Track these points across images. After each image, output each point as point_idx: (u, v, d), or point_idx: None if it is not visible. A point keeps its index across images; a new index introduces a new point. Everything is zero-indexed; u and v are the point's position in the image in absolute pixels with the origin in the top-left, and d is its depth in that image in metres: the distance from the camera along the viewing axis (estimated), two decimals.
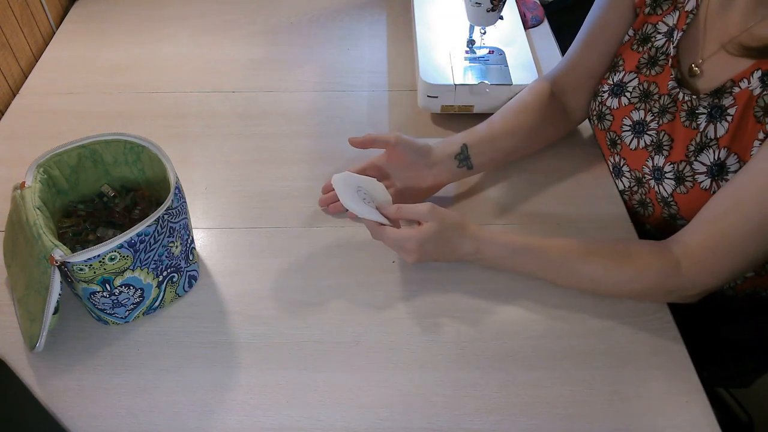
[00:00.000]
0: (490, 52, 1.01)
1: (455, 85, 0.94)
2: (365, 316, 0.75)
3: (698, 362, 0.70)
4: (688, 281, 0.71)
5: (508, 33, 1.05)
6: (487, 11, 0.91)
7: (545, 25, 1.19)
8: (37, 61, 1.11)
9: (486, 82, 0.94)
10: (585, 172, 0.91)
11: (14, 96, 1.04)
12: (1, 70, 1.02)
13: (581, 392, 0.68)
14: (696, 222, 0.71)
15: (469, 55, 1.00)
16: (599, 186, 0.89)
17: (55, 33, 1.18)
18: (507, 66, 0.98)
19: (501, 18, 0.97)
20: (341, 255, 0.81)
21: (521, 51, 1.01)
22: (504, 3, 0.92)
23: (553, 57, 1.12)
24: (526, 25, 1.16)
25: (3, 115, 1.01)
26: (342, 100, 1.04)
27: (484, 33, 0.99)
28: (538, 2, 1.22)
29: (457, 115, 0.99)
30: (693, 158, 0.74)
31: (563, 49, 1.13)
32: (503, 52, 1.01)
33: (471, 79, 0.95)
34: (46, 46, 1.15)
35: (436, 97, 0.95)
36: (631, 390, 0.68)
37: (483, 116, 0.97)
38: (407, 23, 1.20)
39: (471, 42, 1.00)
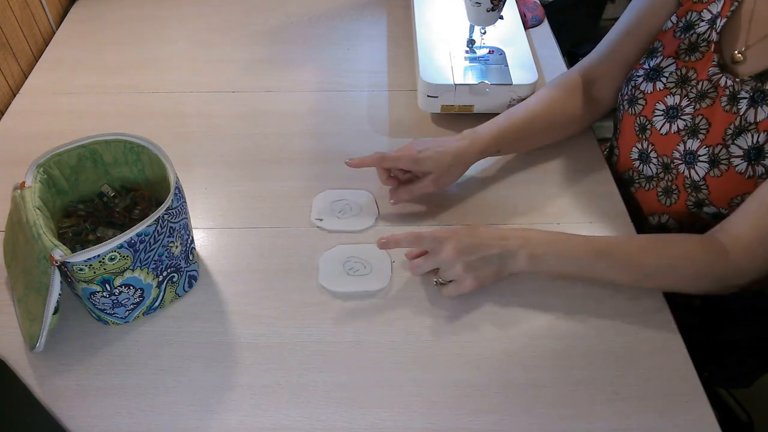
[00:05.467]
0: (490, 52, 1.01)
1: (455, 84, 0.94)
2: (365, 316, 0.75)
3: (700, 363, 0.70)
4: (738, 269, 0.71)
5: (508, 33, 1.04)
6: (487, 11, 0.91)
7: (545, 25, 1.19)
8: (37, 61, 1.11)
9: (486, 81, 0.94)
10: (585, 172, 0.91)
11: (14, 96, 1.04)
12: (1, 70, 1.02)
13: (581, 392, 0.68)
14: (741, 212, 0.72)
15: (469, 55, 1.00)
16: (599, 186, 0.89)
17: (55, 33, 1.18)
18: (507, 66, 0.98)
19: (501, 18, 0.97)
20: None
21: (521, 51, 1.01)
22: (504, 3, 0.92)
23: (553, 57, 1.12)
24: (526, 25, 1.16)
25: (3, 115, 1.01)
26: (342, 100, 1.04)
27: (484, 33, 0.99)
28: (538, 2, 1.22)
29: (457, 115, 0.99)
30: (730, 141, 0.75)
31: (563, 49, 1.13)
32: (503, 52, 1.01)
33: (471, 78, 0.95)
34: (46, 46, 1.15)
35: (436, 97, 0.95)
36: (631, 390, 0.68)
37: (483, 116, 0.97)
38: (407, 23, 1.19)
39: (471, 42, 1.00)
